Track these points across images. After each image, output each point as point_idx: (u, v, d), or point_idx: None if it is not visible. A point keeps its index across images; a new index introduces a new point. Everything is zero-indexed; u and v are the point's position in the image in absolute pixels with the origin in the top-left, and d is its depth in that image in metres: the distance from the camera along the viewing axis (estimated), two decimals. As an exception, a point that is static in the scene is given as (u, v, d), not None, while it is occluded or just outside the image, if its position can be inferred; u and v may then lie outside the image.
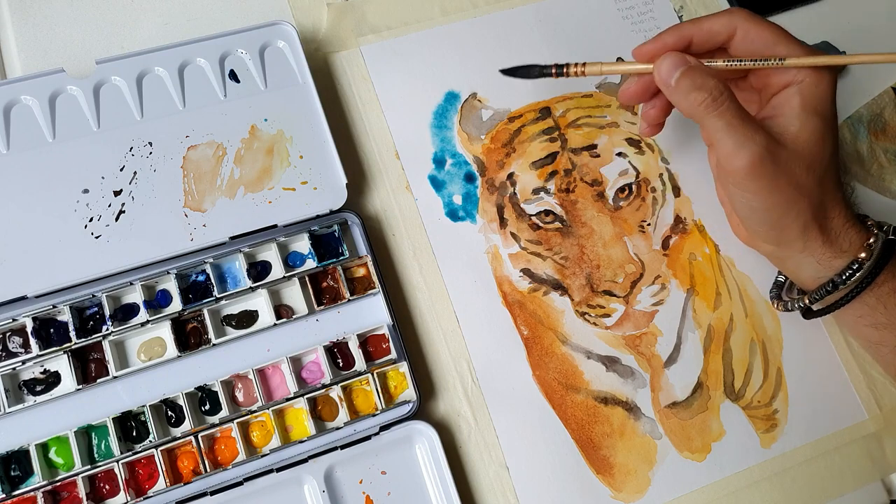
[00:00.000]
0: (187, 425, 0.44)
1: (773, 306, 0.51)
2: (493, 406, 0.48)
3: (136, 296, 0.45)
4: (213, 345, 0.45)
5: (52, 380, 0.44)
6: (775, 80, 0.42)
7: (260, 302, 0.47)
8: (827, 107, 0.41)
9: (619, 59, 0.56)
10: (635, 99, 0.44)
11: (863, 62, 0.41)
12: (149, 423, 0.43)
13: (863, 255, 0.42)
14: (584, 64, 0.44)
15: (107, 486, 0.43)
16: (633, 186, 0.53)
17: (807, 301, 0.45)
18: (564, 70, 0.44)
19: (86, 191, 0.46)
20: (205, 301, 0.46)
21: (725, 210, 0.51)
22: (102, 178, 0.46)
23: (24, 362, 0.43)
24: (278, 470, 0.43)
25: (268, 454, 0.44)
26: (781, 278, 0.51)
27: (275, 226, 0.47)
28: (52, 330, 0.44)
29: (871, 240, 0.43)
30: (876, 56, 0.40)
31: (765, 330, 0.52)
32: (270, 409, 0.45)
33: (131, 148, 0.47)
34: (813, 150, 0.41)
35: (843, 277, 0.42)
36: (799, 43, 0.42)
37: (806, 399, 0.51)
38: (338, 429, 0.45)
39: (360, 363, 0.46)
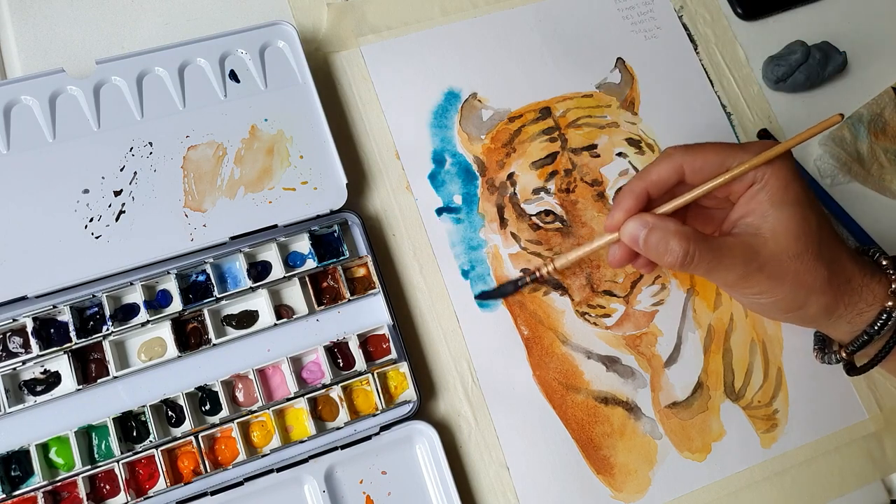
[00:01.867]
0: (188, 425, 0.44)
1: (816, 359, 0.49)
2: (493, 406, 0.48)
3: (136, 296, 0.45)
4: (214, 345, 0.45)
5: (52, 380, 0.44)
6: (736, 188, 0.41)
7: (260, 302, 0.47)
8: (794, 191, 0.40)
9: (619, 63, 0.56)
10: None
11: (802, 140, 0.40)
12: (149, 423, 0.43)
13: (889, 303, 0.41)
14: (551, 259, 0.44)
15: (107, 487, 0.43)
16: (634, 186, 0.53)
17: (844, 354, 0.45)
18: (538, 274, 0.43)
19: (86, 191, 0.46)
20: (205, 301, 0.46)
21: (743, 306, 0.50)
22: (103, 178, 0.46)
23: (24, 362, 0.43)
24: (279, 470, 0.43)
25: (268, 454, 0.44)
26: (820, 332, 0.50)
27: (275, 226, 0.47)
28: (52, 330, 0.44)
29: (893, 285, 0.42)
30: (813, 129, 0.40)
31: (765, 330, 0.52)
32: (271, 409, 0.45)
33: (131, 148, 0.47)
34: (797, 235, 0.40)
35: (875, 328, 0.42)
36: (741, 147, 0.41)
37: (806, 399, 0.51)
38: (338, 429, 0.45)
39: (360, 363, 0.46)
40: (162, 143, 0.47)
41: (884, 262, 0.43)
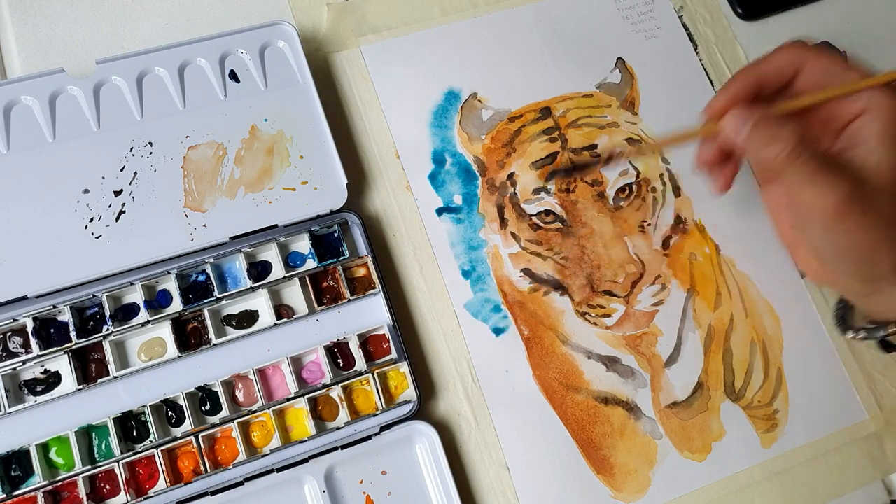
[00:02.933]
0: (188, 425, 0.44)
1: (842, 335, 0.47)
2: (493, 406, 0.48)
3: (136, 296, 0.45)
4: (214, 345, 0.45)
5: (52, 380, 0.44)
6: (846, 111, 0.38)
7: (260, 302, 0.47)
8: None
9: (619, 63, 0.56)
10: (714, 163, 0.41)
11: None
12: (149, 423, 0.43)
13: None
14: (631, 148, 0.41)
15: (107, 486, 0.43)
16: (634, 186, 0.53)
17: (891, 330, 0.42)
18: (613, 154, 0.42)
19: (86, 191, 0.46)
20: (205, 301, 0.46)
21: (791, 249, 0.46)
22: (103, 178, 0.46)
23: (24, 362, 0.43)
24: (279, 470, 0.43)
25: (268, 454, 0.44)
26: (841, 305, 0.47)
27: (275, 226, 0.47)
28: (52, 330, 0.44)
29: None
30: None
31: (765, 330, 0.52)
32: (271, 409, 0.45)
33: (131, 148, 0.47)
34: None
35: None
36: (865, 68, 0.38)
37: (806, 399, 0.51)
38: (338, 429, 0.45)
39: (360, 363, 0.46)
40: (162, 143, 0.47)
41: None
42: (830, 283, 0.46)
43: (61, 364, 0.44)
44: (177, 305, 0.45)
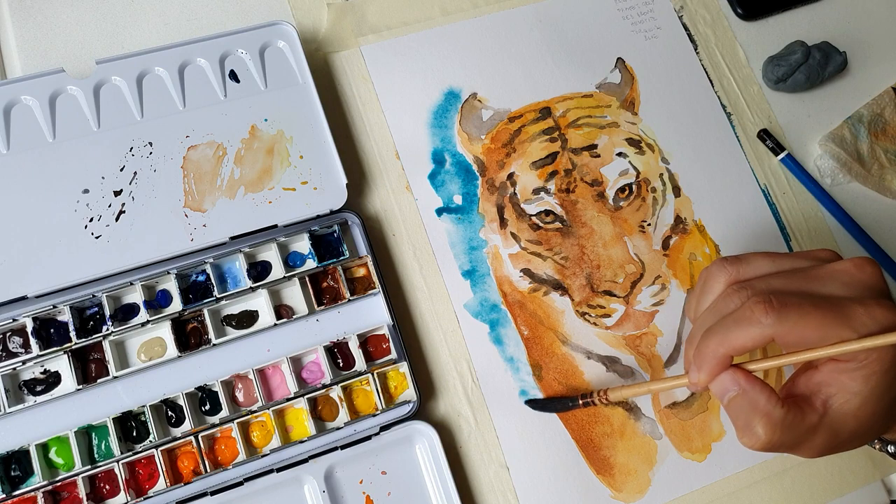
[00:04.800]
0: (187, 425, 0.44)
1: (875, 448, 0.44)
2: (493, 406, 0.48)
3: (136, 296, 0.45)
4: (214, 345, 0.45)
5: (52, 380, 0.44)
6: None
7: (260, 302, 0.47)
8: (894, 372, 0.34)
9: (619, 63, 0.56)
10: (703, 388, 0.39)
11: None
12: (149, 423, 0.43)
13: None
14: (605, 392, 0.44)
15: (107, 487, 0.43)
16: (634, 186, 0.53)
17: None
18: (591, 400, 0.45)
19: (86, 191, 0.46)
20: (205, 301, 0.46)
21: None
22: (102, 178, 0.46)
23: (24, 362, 0.43)
24: (278, 470, 0.43)
25: (268, 454, 0.44)
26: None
27: (275, 226, 0.47)
28: (52, 330, 0.44)
29: None
30: None
31: (765, 330, 0.52)
32: (271, 409, 0.45)
33: (131, 148, 0.47)
34: (885, 416, 0.35)
35: None
36: (845, 318, 0.33)
37: (806, 399, 0.50)
38: (338, 429, 0.45)
39: (360, 363, 0.46)
40: (162, 143, 0.47)
41: None
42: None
43: (61, 364, 0.44)
44: (177, 305, 0.45)
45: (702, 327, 0.37)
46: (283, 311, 0.47)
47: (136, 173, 0.47)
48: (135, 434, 0.44)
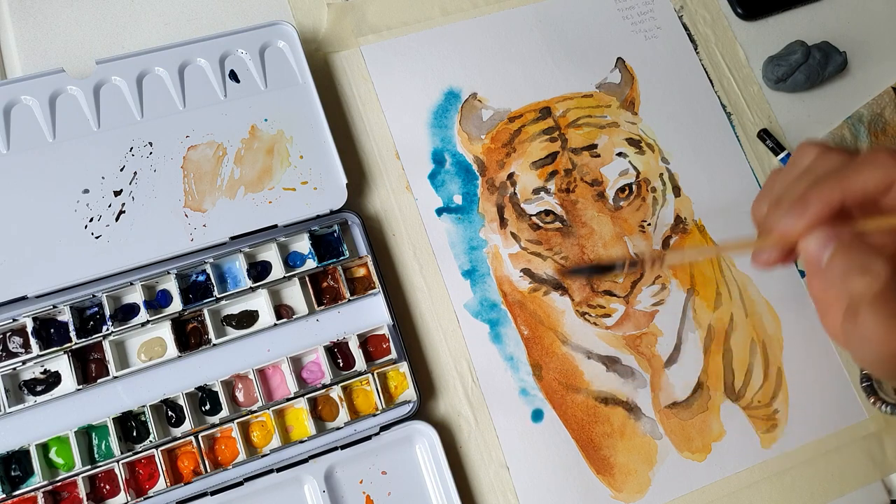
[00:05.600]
0: (187, 425, 0.44)
1: (871, 403, 0.45)
2: (493, 406, 0.48)
3: (136, 296, 0.45)
4: (214, 345, 0.45)
5: (52, 380, 0.44)
6: None
7: (260, 302, 0.47)
8: None
9: (619, 63, 0.56)
10: (773, 264, 0.35)
11: None
12: (149, 423, 0.43)
13: None
14: (661, 253, 0.37)
15: (107, 486, 0.43)
16: (634, 186, 0.53)
17: None
18: (636, 260, 0.40)
19: (86, 191, 0.46)
20: (205, 301, 0.45)
21: (835, 339, 0.36)
22: (102, 178, 0.46)
23: (24, 362, 0.43)
24: (278, 470, 0.43)
25: (268, 454, 0.44)
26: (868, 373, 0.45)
27: (275, 226, 0.47)
28: (52, 330, 0.44)
29: None
30: None
31: (765, 330, 0.52)
32: (271, 409, 0.45)
33: (131, 148, 0.47)
34: None
35: None
36: None
37: (806, 399, 0.51)
38: (338, 429, 0.45)
39: (360, 363, 0.46)
40: (162, 143, 0.47)
41: None
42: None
43: (61, 364, 0.44)
44: (177, 305, 0.45)
45: (792, 191, 0.32)
46: (283, 311, 0.47)
47: (136, 173, 0.47)
48: (135, 434, 0.44)
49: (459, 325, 0.49)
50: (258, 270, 0.47)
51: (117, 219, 0.46)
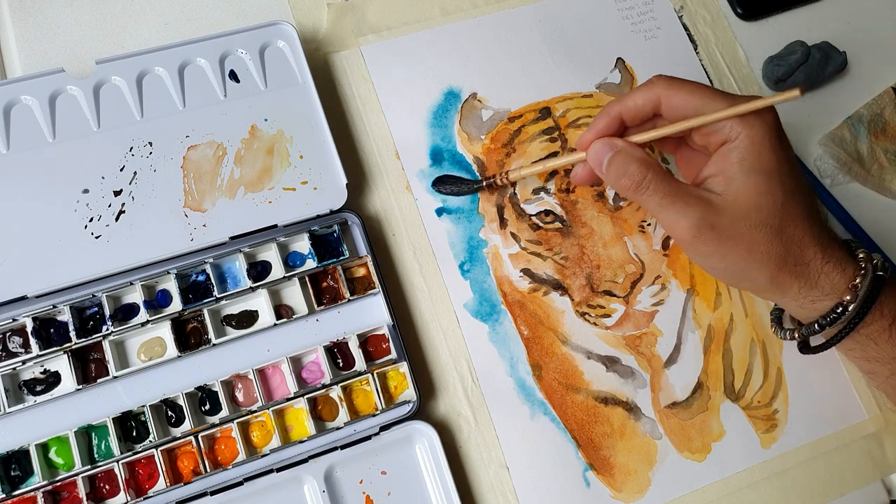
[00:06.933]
0: (187, 425, 0.44)
1: (771, 331, 0.49)
2: (493, 406, 0.48)
3: (136, 296, 0.45)
4: (214, 345, 0.45)
5: (52, 380, 0.44)
6: (713, 139, 0.40)
7: (260, 302, 0.47)
8: (768, 159, 0.39)
9: (619, 63, 0.56)
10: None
11: (768, 103, 0.38)
12: (149, 423, 0.43)
13: (847, 297, 0.40)
14: (505, 173, 0.48)
15: (107, 486, 0.43)
16: (634, 186, 0.53)
17: (797, 335, 0.44)
18: (493, 181, 0.49)
19: (86, 191, 0.46)
20: (205, 301, 0.46)
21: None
22: (102, 178, 0.46)
23: (24, 362, 0.43)
24: (278, 470, 0.43)
25: (268, 454, 0.44)
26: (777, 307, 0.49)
27: (275, 226, 0.47)
28: (52, 330, 0.44)
29: (857, 280, 0.40)
30: (779, 97, 0.38)
31: (765, 330, 0.52)
32: (270, 409, 0.45)
33: (131, 148, 0.47)
34: (759, 205, 0.39)
35: (828, 319, 0.40)
36: (727, 97, 0.40)
37: (806, 399, 0.51)
38: (338, 429, 0.45)
39: (360, 363, 0.46)
40: (162, 143, 0.47)
41: (860, 255, 0.41)
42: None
43: (61, 364, 0.44)
44: (176, 305, 0.45)
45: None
46: (283, 311, 0.47)
47: (136, 173, 0.47)
48: (135, 434, 0.44)
49: (459, 325, 0.49)
50: (258, 270, 0.47)
51: (117, 219, 0.46)
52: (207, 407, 0.45)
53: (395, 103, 0.53)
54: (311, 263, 0.47)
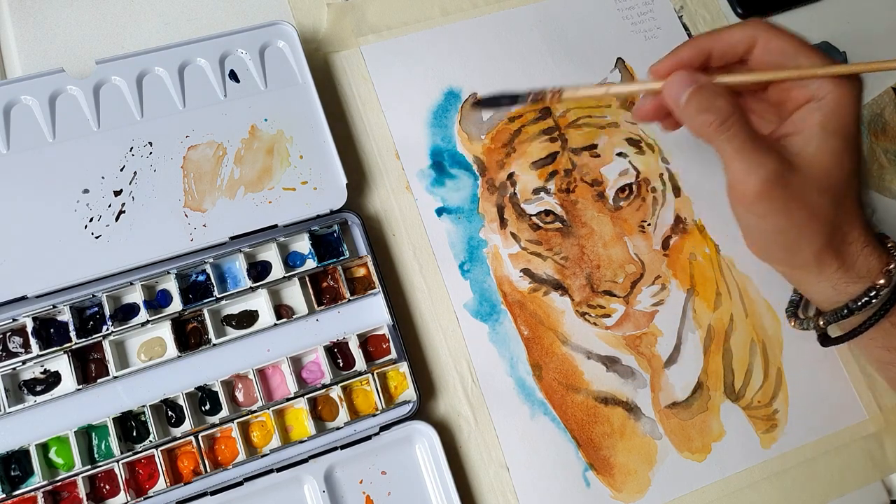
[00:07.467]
0: (187, 425, 0.44)
1: (789, 324, 0.49)
2: (493, 406, 0.48)
3: (136, 296, 0.45)
4: (214, 345, 0.45)
5: (52, 380, 0.44)
6: (795, 95, 0.39)
7: (260, 302, 0.47)
8: (849, 125, 0.38)
9: (619, 63, 0.56)
10: (650, 117, 0.43)
11: (886, 69, 0.38)
12: (149, 423, 0.43)
13: (881, 281, 0.40)
14: (559, 91, 0.42)
15: (107, 486, 0.43)
16: (634, 186, 0.53)
17: (821, 323, 0.43)
18: (541, 96, 0.43)
19: (86, 191, 0.46)
20: (205, 301, 0.46)
21: (740, 227, 0.46)
22: (102, 178, 0.46)
23: (24, 362, 0.43)
24: (278, 470, 0.43)
25: (268, 454, 0.44)
26: (796, 296, 0.50)
27: (275, 226, 0.47)
28: (52, 330, 0.44)
29: (892, 265, 0.40)
30: (880, 64, 0.38)
31: (765, 330, 0.52)
32: (270, 409, 0.45)
33: (131, 148, 0.47)
34: (830, 172, 0.38)
35: (859, 304, 0.40)
36: (823, 55, 0.39)
37: (806, 399, 0.51)
38: (338, 429, 0.45)
39: (360, 363, 0.46)
40: (162, 143, 0.47)
41: (889, 245, 0.41)
42: (766, 262, 0.46)
43: (61, 364, 0.44)
44: (177, 305, 0.45)
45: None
46: (283, 311, 0.47)
47: (136, 173, 0.47)
48: (135, 434, 0.44)
49: (459, 325, 0.49)
50: (258, 270, 0.47)
51: (117, 219, 0.46)
52: (207, 407, 0.45)
53: (395, 103, 0.53)
54: (311, 263, 0.47)
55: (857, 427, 0.51)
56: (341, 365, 0.47)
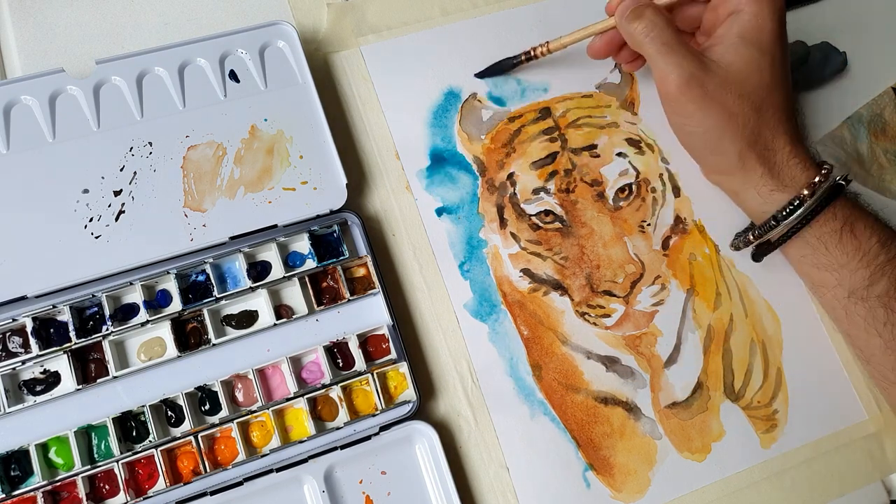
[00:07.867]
0: (187, 425, 0.44)
1: (729, 250, 0.52)
2: (493, 406, 0.48)
3: (136, 296, 0.45)
4: (213, 345, 0.45)
5: (52, 380, 0.44)
6: (722, 10, 0.45)
7: (260, 302, 0.47)
8: (765, 38, 0.43)
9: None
10: (602, 53, 0.49)
11: None
12: (149, 423, 0.43)
13: (805, 192, 0.43)
14: (546, 43, 0.51)
15: (107, 486, 0.43)
16: (633, 186, 0.53)
17: (751, 237, 0.47)
18: (532, 53, 0.51)
19: (86, 191, 0.46)
20: (205, 301, 0.46)
21: (673, 130, 0.52)
22: (102, 178, 0.46)
23: (24, 362, 0.43)
24: (278, 470, 0.43)
25: (268, 454, 0.44)
26: (741, 229, 0.52)
27: (275, 226, 0.47)
28: (52, 330, 0.44)
29: (818, 179, 0.43)
30: None
31: (765, 330, 0.52)
32: (270, 409, 0.45)
33: (131, 148, 0.47)
34: (747, 78, 0.43)
35: (784, 213, 0.43)
36: None
37: (806, 399, 0.51)
38: (338, 429, 0.45)
39: (360, 363, 0.46)
40: (162, 143, 0.47)
41: (826, 165, 0.44)
42: (710, 180, 0.51)
43: (61, 364, 0.44)
44: (176, 305, 0.45)
45: None
46: (282, 311, 0.47)
47: (135, 173, 0.47)
48: (134, 434, 0.44)
49: (459, 325, 0.49)
50: (258, 270, 0.47)
51: (117, 219, 0.46)
52: (207, 407, 0.45)
53: (395, 103, 0.53)
54: (311, 263, 0.47)
55: (857, 427, 0.51)
56: (341, 365, 0.47)
